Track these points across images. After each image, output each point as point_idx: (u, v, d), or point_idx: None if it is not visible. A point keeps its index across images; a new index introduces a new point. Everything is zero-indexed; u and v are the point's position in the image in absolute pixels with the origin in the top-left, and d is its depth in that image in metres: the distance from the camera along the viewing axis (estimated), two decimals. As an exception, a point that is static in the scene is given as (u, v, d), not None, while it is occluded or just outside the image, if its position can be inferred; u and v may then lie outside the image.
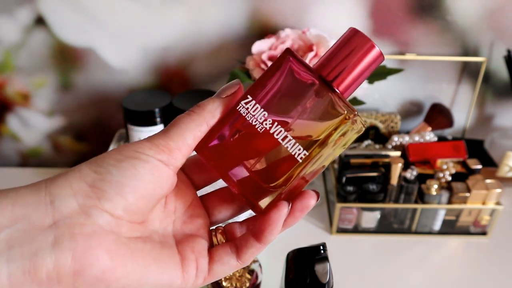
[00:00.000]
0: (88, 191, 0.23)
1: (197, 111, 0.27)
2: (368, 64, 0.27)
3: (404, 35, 0.72)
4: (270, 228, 0.26)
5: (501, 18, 0.71)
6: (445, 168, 0.65)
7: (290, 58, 0.27)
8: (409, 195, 0.65)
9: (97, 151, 0.83)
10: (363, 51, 0.27)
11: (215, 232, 0.29)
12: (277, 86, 0.27)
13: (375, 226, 0.69)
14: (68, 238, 0.22)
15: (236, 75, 0.64)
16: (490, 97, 0.79)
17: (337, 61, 0.27)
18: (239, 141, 0.27)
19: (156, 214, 0.28)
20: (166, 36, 0.72)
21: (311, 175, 0.28)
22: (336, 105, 0.26)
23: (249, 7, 0.70)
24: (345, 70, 0.27)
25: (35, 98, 0.77)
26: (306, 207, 0.27)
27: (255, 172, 0.27)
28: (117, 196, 0.23)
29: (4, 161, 0.84)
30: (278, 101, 0.27)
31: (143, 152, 0.25)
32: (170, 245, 0.27)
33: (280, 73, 0.27)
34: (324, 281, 0.42)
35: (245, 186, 0.27)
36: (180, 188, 0.29)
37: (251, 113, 0.27)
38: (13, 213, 0.22)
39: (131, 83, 0.76)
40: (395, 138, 0.71)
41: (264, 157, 0.27)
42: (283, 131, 0.26)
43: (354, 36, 0.27)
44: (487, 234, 0.68)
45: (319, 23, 0.71)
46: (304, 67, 0.27)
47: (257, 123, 0.27)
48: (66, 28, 0.71)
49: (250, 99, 0.27)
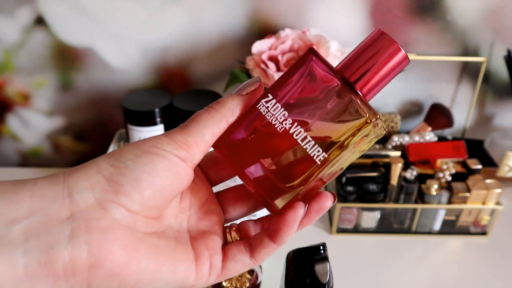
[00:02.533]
0: (105, 185, 0.23)
1: (216, 107, 0.27)
2: (392, 67, 0.26)
3: (404, 35, 0.72)
4: (286, 229, 0.26)
5: (501, 18, 0.71)
6: (445, 168, 0.65)
7: (313, 57, 0.27)
8: (409, 195, 0.65)
9: (97, 151, 0.83)
10: (388, 54, 0.26)
11: (230, 230, 0.29)
12: (299, 86, 0.27)
13: (375, 226, 0.69)
14: (84, 231, 0.22)
15: (236, 75, 0.64)
16: (490, 97, 0.79)
17: (361, 62, 0.26)
18: (257, 139, 0.27)
19: (172, 210, 0.27)
20: (166, 36, 0.72)
21: (329, 177, 0.28)
22: (358, 107, 0.26)
23: (249, 7, 0.70)
24: (368, 72, 0.26)
25: (35, 98, 0.77)
26: (322, 209, 0.27)
27: (272, 171, 0.27)
28: (134, 191, 0.23)
29: (4, 161, 0.84)
30: (299, 100, 0.27)
31: (161, 147, 0.25)
32: (185, 241, 0.27)
33: (302, 73, 0.27)
34: (324, 281, 0.42)
35: (261, 185, 0.27)
36: (196, 184, 0.29)
37: (271, 112, 0.27)
38: (31, 205, 0.22)
39: (131, 83, 0.76)
40: (395, 138, 0.71)
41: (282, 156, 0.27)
42: (303, 131, 0.26)
43: (380, 37, 0.26)
44: (487, 234, 0.68)
45: (319, 23, 0.71)
46: (326, 67, 0.27)
47: (277, 122, 0.26)
48: (66, 28, 0.71)
49: (271, 98, 0.27)
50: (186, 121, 0.27)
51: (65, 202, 0.22)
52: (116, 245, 0.22)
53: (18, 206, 0.22)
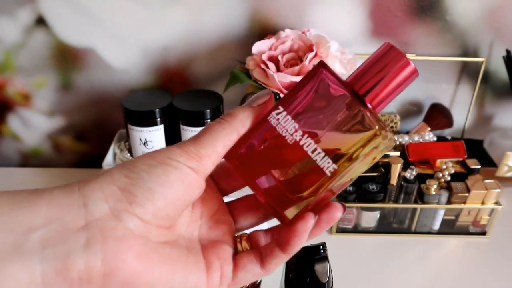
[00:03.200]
0: (119, 195, 0.24)
1: (228, 119, 0.27)
2: (402, 81, 0.27)
3: (404, 36, 0.72)
4: (296, 239, 0.26)
5: (500, 18, 0.71)
6: (445, 168, 0.65)
7: (323, 70, 0.27)
8: (409, 195, 0.66)
9: (98, 151, 0.83)
10: (398, 67, 0.27)
11: (240, 239, 0.29)
12: (309, 98, 0.27)
13: (374, 226, 0.69)
14: (99, 240, 0.22)
15: (236, 75, 0.64)
16: (490, 97, 0.79)
17: (370, 75, 0.27)
18: (268, 151, 0.28)
19: (184, 219, 0.28)
20: (166, 36, 0.72)
21: (338, 188, 0.28)
22: (367, 119, 0.26)
23: (249, 7, 0.70)
24: (378, 85, 0.27)
25: (35, 98, 0.77)
26: (332, 219, 0.27)
27: (282, 182, 0.27)
28: (147, 201, 0.24)
29: (5, 161, 0.84)
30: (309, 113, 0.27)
31: (174, 158, 0.25)
32: (196, 251, 0.27)
33: (312, 85, 0.27)
34: (324, 281, 0.42)
35: (271, 196, 0.27)
36: (207, 193, 0.29)
37: (282, 124, 0.27)
38: (48, 214, 0.22)
39: (131, 83, 0.76)
40: (394, 138, 0.72)
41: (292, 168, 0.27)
42: (313, 143, 0.27)
43: (389, 51, 0.27)
44: (486, 233, 0.68)
45: (319, 23, 0.71)
46: (336, 80, 0.27)
47: (287, 134, 0.27)
48: (66, 28, 0.71)
49: (281, 110, 0.27)
50: (199, 133, 0.27)
51: (80, 211, 0.23)
52: (130, 254, 0.23)
53: (35, 215, 0.22)
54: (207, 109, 0.65)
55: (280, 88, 0.61)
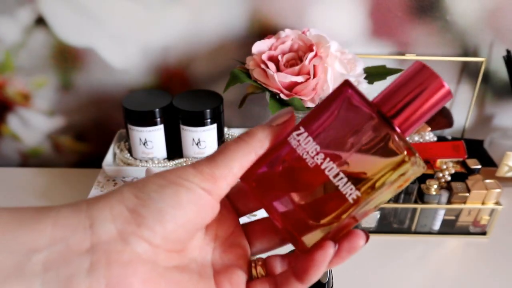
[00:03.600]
0: (128, 217, 0.23)
1: (246, 139, 0.26)
2: (434, 103, 0.25)
3: (404, 36, 0.72)
4: (314, 269, 0.25)
5: (500, 18, 0.71)
6: (445, 168, 0.65)
7: (348, 90, 0.26)
8: (409, 195, 0.66)
9: (97, 151, 0.83)
10: (431, 89, 0.24)
11: (255, 264, 0.28)
12: (332, 119, 0.26)
13: (374, 226, 0.69)
14: (104, 265, 0.21)
15: (236, 75, 0.64)
16: (490, 97, 0.79)
17: (400, 97, 0.25)
18: (287, 173, 0.26)
19: (196, 242, 0.27)
20: (166, 36, 0.72)
21: (362, 215, 0.26)
22: (395, 144, 0.24)
23: (249, 7, 0.70)
24: (407, 107, 0.25)
25: (35, 98, 0.77)
26: (354, 248, 0.25)
27: (301, 206, 0.26)
28: (157, 224, 0.23)
29: (4, 161, 0.84)
30: (332, 135, 0.25)
31: (187, 179, 0.24)
32: (208, 276, 0.26)
33: (336, 106, 0.26)
34: (324, 281, 0.42)
35: (289, 220, 0.26)
36: (223, 215, 0.28)
37: (302, 146, 0.26)
38: (52, 235, 0.22)
39: (131, 83, 0.76)
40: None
41: (313, 192, 0.26)
42: (335, 167, 0.25)
43: (421, 71, 0.25)
44: (486, 234, 0.68)
45: (319, 23, 0.71)
46: (362, 100, 0.25)
47: (308, 156, 0.25)
48: (66, 28, 0.71)
49: (303, 131, 0.26)
50: (214, 152, 0.26)
51: (86, 233, 0.22)
52: (135, 280, 0.22)
53: (39, 235, 0.22)
54: (207, 109, 0.65)
55: (280, 88, 0.60)
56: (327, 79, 0.60)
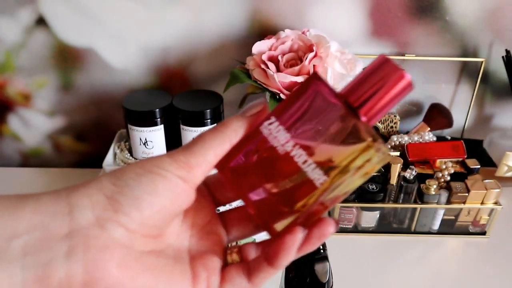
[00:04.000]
0: (106, 204, 0.23)
1: (221, 129, 0.27)
2: (397, 93, 0.27)
3: (404, 36, 0.73)
4: (284, 253, 0.26)
5: (500, 18, 0.71)
6: (444, 168, 0.65)
7: (316, 82, 0.27)
8: (409, 195, 0.66)
9: (98, 151, 0.83)
10: (393, 80, 0.26)
11: (231, 251, 0.29)
12: (302, 109, 0.27)
13: (374, 225, 0.69)
14: (81, 249, 0.22)
15: (236, 75, 0.64)
16: (489, 97, 0.79)
17: (365, 88, 0.27)
18: (259, 162, 0.27)
19: (173, 228, 0.28)
20: (166, 36, 0.72)
21: (331, 202, 0.27)
22: (361, 131, 0.26)
23: (249, 8, 0.70)
24: (372, 97, 0.26)
25: (36, 98, 0.78)
26: (324, 235, 0.26)
27: (273, 194, 0.27)
28: (134, 210, 0.24)
29: (5, 161, 0.85)
30: (302, 124, 0.27)
31: (163, 167, 0.25)
32: (184, 261, 0.27)
33: (305, 97, 0.27)
34: (324, 281, 0.42)
35: (262, 207, 0.27)
36: (200, 203, 0.29)
37: (273, 135, 0.27)
38: (32, 221, 0.22)
39: (131, 83, 0.76)
40: (394, 138, 0.72)
41: (284, 180, 0.27)
42: (304, 155, 0.26)
43: (384, 63, 0.27)
44: (486, 233, 0.69)
45: (319, 23, 0.71)
46: (330, 91, 0.27)
47: (279, 145, 0.27)
48: (66, 28, 0.71)
49: (274, 120, 0.27)
50: (190, 142, 0.27)
51: (65, 219, 0.23)
52: (111, 264, 0.23)
53: (19, 221, 0.22)
54: (207, 109, 0.65)
55: (280, 88, 0.61)
56: (327, 79, 0.60)
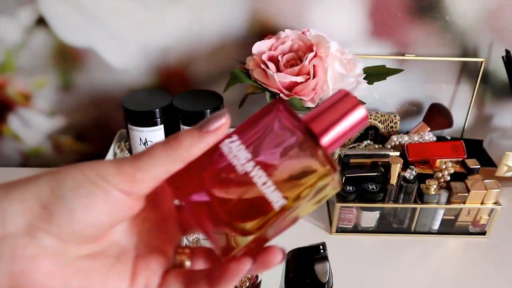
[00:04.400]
0: (39, 212, 0.23)
1: (173, 145, 0.25)
2: (354, 124, 0.27)
3: (404, 36, 0.73)
4: (226, 280, 0.25)
5: (500, 18, 0.71)
6: (444, 168, 0.65)
7: (280, 106, 0.27)
8: (409, 195, 0.66)
9: (98, 151, 0.83)
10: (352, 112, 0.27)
11: (182, 251, 0.28)
12: (264, 131, 0.27)
13: (374, 225, 0.69)
14: (9, 258, 0.22)
15: (236, 75, 0.64)
16: (489, 97, 0.79)
17: (326, 117, 0.27)
18: (215, 180, 0.26)
19: (121, 227, 0.27)
20: (166, 36, 0.72)
21: (280, 229, 0.27)
22: (319, 159, 0.26)
23: (249, 8, 0.70)
24: (332, 126, 0.27)
25: (36, 98, 0.78)
26: (269, 264, 0.26)
27: (228, 214, 0.26)
28: (66, 223, 0.23)
29: (5, 161, 0.85)
30: (263, 146, 0.27)
31: (105, 178, 0.23)
32: (127, 259, 0.26)
33: (268, 119, 0.27)
34: (324, 281, 0.42)
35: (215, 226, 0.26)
36: (157, 198, 0.28)
37: (234, 153, 0.26)
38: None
39: (131, 83, 0.76)
40: (394, 138, 0.72)
41: (240, 200, 0.26)
42: (264, 176, 0.26)
43: (345, 97, 0.27)
44: (486, 233, 0.69)
45: (319, 23, 0.71)
46: (292, 117, 0.27)
47: (238, 164, 0.26)
48: (66, 28, 0.71)
49: (236, 139, 0.26)
50: (141, 152, 0.25)
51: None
52: (40, 273, 0.22)
53: None
54: (207, 109, 0.66)
55: (280, 88, 0.61)
56: (327, 79, 0.60)
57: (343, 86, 0.61)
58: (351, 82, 0.62)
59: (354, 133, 0.28)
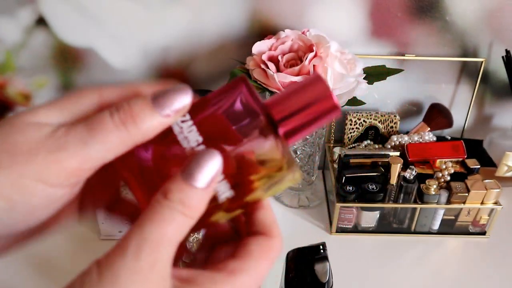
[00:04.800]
0: None
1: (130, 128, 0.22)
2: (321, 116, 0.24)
3: (404, 36, 0.73)
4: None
5: (500, 18, 0.71)
6: (444, 168, 0.65)
7: (243, 86, 0.25)
8: (408, 195, 0.66)
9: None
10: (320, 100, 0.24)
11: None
12: (221, 112, 0.24)
13: (374, 225, 0.69)
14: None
15: (236, 75, 0.64)
16: (489, 97, 0.79)
17: (290, 103, 0.24)
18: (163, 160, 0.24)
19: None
20: (166, 36, 0.72)
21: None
22: (276, 150, 0.24)
23: (249, 8, 0.70)
24: (295, 115, 0.24)
25: (36, 99, 0.78)
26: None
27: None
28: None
29: (5, 161, 0.84)
30: (217, 129, 0.24)
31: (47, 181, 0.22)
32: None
33: (227, 99, 0.24)
34: (324, 281, 0.42)
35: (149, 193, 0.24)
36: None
37: (184, 134, 0.24)
38: None
39: (131, 83, 0.76)
40: (394, 138, 0.72)
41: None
42: None
43: (315, 82, 0.24)
44: (486, 233, 0.69)
45: (319, 23, 0.71)
46: (254, 99, 0.24)
47: (188, 146, 0.23)
48: (67, 28, 0.71)
49: (188, 118, 0.24)
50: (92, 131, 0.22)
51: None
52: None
53: None
54: (207, 109, 0.65)
55: (280, 88, 0.61)
56: (327, 79, 0.60)
57: (343, 86, 0.61)
58: (351, 82, 0.62)
59: (321, 125, 0.25)
